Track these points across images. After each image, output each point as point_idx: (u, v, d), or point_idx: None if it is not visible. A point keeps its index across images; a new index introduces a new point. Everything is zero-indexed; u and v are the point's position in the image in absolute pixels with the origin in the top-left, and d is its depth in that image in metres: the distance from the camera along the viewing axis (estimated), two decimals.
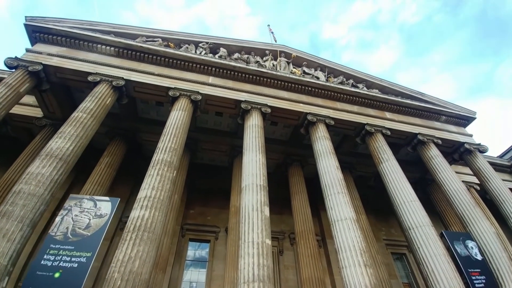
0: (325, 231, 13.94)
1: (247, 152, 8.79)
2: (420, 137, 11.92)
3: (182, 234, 12.53)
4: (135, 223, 6.15)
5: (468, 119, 13.50)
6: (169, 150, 7.92)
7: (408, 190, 9.19)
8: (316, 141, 10.26)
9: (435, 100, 13.49)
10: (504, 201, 10.80)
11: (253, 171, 8.09)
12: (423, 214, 8.51)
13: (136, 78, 10.13)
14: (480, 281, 8.11)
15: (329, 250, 13.22)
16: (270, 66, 12.46)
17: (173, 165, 7.68)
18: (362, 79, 13.56)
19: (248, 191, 7.61)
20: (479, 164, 11.88)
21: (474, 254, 8.60)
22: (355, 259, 6.80)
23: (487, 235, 9.03)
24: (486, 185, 11.48)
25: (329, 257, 13.11)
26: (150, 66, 10.68)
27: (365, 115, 12.02)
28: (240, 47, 12.73)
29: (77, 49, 10.70)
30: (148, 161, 8.27)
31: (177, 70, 10.86)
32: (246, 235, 6.63)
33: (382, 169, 10.27)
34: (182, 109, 9.36)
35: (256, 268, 5.97)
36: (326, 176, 8.93)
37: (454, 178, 10.35)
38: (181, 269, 11.55)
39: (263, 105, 10.60)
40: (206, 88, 10.58)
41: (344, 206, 7.90)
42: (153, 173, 7.26)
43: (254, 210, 7.08)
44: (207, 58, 10.93)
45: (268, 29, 18.22)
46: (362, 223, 11.28)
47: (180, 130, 8.62)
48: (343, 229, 7.46)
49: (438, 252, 7.66)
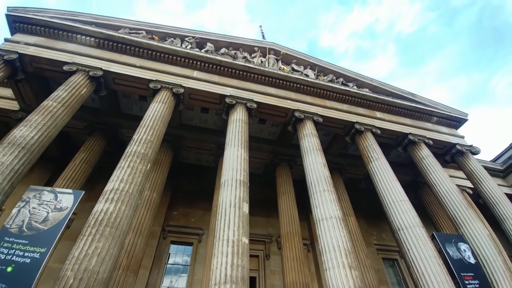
0: (314, 235, 13.40)
1: (228, 147, 8.31)
2: (411, 137, 11.59)
3: (164, 236, 11.86)
4: (97, 217, 5.59)
5: (460, 120, 13.26)
6: (144, 141, 7.41)
7: (397, 190, 8.77)
8: (303, 138, 9.84)
9: (426, 101, 13.25)
10: (497, 203, 10.44)
11: (233, 166, 7.60)
12: (413, 215, 8.07)
13: (116, 69, 9.68)
14: (473, 286, 7.63)
15: (317, 254, 12.65)
16: (258, 62, 12.13)
17: (147, 157, 7.15)
18: (353, 79, 13.29)
19: (226, 187, 7.10)
20: (472, 165, 11.56)
21: (467, 257, 8.14)
22: (339, 260, 6.29)
23: (481, 237, 8.61)
24: (479, 187, 11.13)
25: (317, 262, 12.53)
26: (132, 58, 10.25)
27: (355, 114, 11.68)
28: (228, 43, 12.40)
29: (56, 39, 10.27)
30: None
31: (161, 63, 10.44)
32: (221, 232, 6.10)
33: (371, 168, 9.86)
34: (162, 101, 8.90)
35: (229, 268, 5.42)
36: (312, 173, 8.47)
37: (446, 179, 9.97)
38: (160, 273, 10.84)
39: (248, 100, 10.19)
40: (190, 81, 10.16)
41: (329, 205, 7.43)
42: (124, 165, 6.73)
43: (232, 206, 6.56)
44: (192, 51, 10.55)
45: (260, 30, 18.06)
46: (351, 225, 10.80)
47: (158, 123, 8.13)
48: (328, 228, 6.97)
49: (429, 254, 7.19)
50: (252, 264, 12.20)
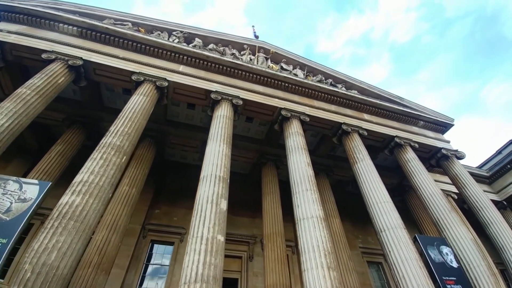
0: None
1: (210, 142, 8.06)
2: (397, 140, 11.57)
3: (144, 235, 11.45)
4: (61, 210, 5.25)
5: (446, 125, 13.34)
6: (121, 133, 7.10)
7: (381, 191, 8.66)
8: (288, 136, 9.67)
9: (414, 105, 13.30)
10: (482, 208, 10.45)
11: (214, 161, 7.35)
12: (395, 216, 7.96)
13: (97, 60, 9.35)
14: None
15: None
16: (247, 60, 11.96)
17: (123, 150, 6.84)
18: (342, 80, 13.25)
19: (205, 182, 6.84)
20: (456, 170, 11.59)
21: (449, 260, 8.05)
22: (317, 261, 6.09)
23: (464, 241, 8.54)
24: (464, 192, 11.15)
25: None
26: (116, 49, 9.93)
27: (342, 115, 11.60)
28: (218, 39, 12.20)
29: (38, 27, 9.95)
30: None
31: (146, 56, 10.15)
32: (196, 229, 5.83)
33: (356, 169, 9.75)
34: (144, 94, 8.60)
35: (201, 267, 5.14)
36: (296, 172, 8.29)
37: (430, 182, 9.94)
38: (137, 273, 10.42)
39: (234, 97, 9.98)
40: (175, 76, 9.89)
41: (311, 204, 7.24)
42: (96, 156, 6.40)
43: (209, 202, 6.30)
44: (178, 45, 10.30)
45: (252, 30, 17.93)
46: (335, 227, 10.64)
47: (138, 115, 7.82)
48: (308, 228, 6.77)
49: (410, 256, 7.06)
50: (235, 265, 11.93)
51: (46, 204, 7.25)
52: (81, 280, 7.00)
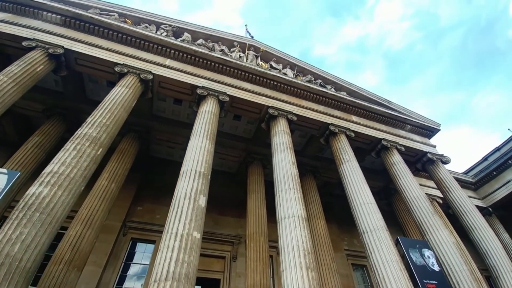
0: None
1: (193, 138, 7.86)
2: (384, 143, 11.58)
3: (124, 233, 11.10)
4: (27, 200, 4.97)
5: (432, 130, 13.45)
6: (98, 125, 6.83)
7: (365, 192, 8.60)
8: (275, 135, 9.54)
9: (401, 108, 13.38)
10: (466, 212, 10.51)
11: (194, 157, 7.14)
12: (378, 217, 7.89)
13: (79, 49, 9.05)
14: None
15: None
16: (236, 57, 11.80)
17: (99, 141, 6.57)
18: (332, 81, 13.23)
19: (184, 178, 6.63)
20: (441, 174, 11.66)
21: (430, 264, 8.01)
22: (296, 261, 5.94)
23: (446, 245, 8.53)
24: (448, 196, 11.21)
25: None
26: (100, 39, 9.64)
27: (330, 116, 11.55)
28: (207, 35, 12.02)
29: (23, 15, 9.62)
30: None
31: (131, 48, 9.89)
32: (171, 225, 5.60)
33: (342, 170, 9.68)
34: (126, 86, 8.34)
35: (173, 264, 4.92)
36: (280, 170, 8.15)
37: (414, 185, 9.94)
38: (115, 272, 10.08)
39: (221, 93, 9.80)
40: (161, 69, 9.66)
41: (293, 203, 7.10)
42: (70, 147, 6.12)
43: (186, 198, 6.08)
44: (165, 38, 10.07)
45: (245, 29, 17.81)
46: (320, 228, 10.54)
47: (118, 107, 7.56)
48: (289, 227, 6.62)
49: (391, 258, 6.98)
50: (218, 265, 11.69)
51: (20, 197, 6.94)
52: (51, 276, 6.69)
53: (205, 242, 11.79)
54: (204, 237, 11.84)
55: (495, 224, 17.14)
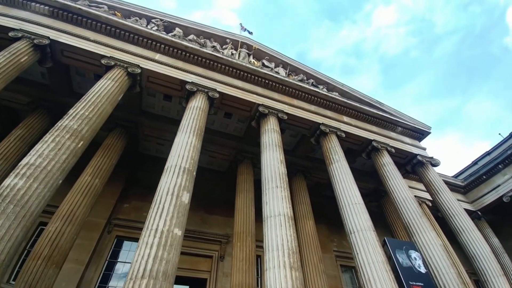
0: None
1: (179, 133, 7.70)
2: (375, 144, 11.56)
3: (109, 230, 10.84)
4: (2, 192, 4.76)
5: (423, 133, 13.51)
6: (80, 117, 6.62)
7: (354, 192, 8.54)
8: (264, 133, 9.43)
9: (393, 110, 13.40)
10: (454, 215, 10.52)
11: (180, 152, 6.98)
12: (365, 218, 7.83)
13: (65, 41, 8.81)
14: None
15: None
16: (228, 54, 11.67)
17: (80, 134, 6.36)
18: (324, 81, 13.19)
19: (168, 173, 6.46)
20: (430, 176, 11.69)
21: (417, 265, 7.96)
22: (280, 260, 5.81)
23: (433, 246, 8.50)
24: (436, 198, 11.23)
25: None
26: (88, 31, 9.42)
27: (322, 116, 11.49)
28: (199, 31, 11.86)
29: (12, 6, 9.38)
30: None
31: (120, 41, 9.68)
32: (151, 221, 5.43)
33: (331, 170, 9.61)
34: (112, 79, 8.14)
35: (150, 262, 4.75)
36: (268, 169, 8.03)
37: (403, 186, 9.93)
38: (98, 270, 9.82)
39: (211, 89, 9.65)
40: (150, 63, 9.47)
41: (280, 201, 6.98)
42: (48, 139, 5.91)
43: (169, 194, 5.91)
44: (155, 32, 9.89)
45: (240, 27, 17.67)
46: (308, 229, 10.45)
47: (102, 100, 7.35)
48: (274, 226, 6.50)
49: (377, 259, 6.91)
50: (205, 265, 11.51)
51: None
52: (30, 271, 6.50)
53: (192, 241, 11.74)
54: (191, 236, 11.88)
55: (484, 228, 17.28)
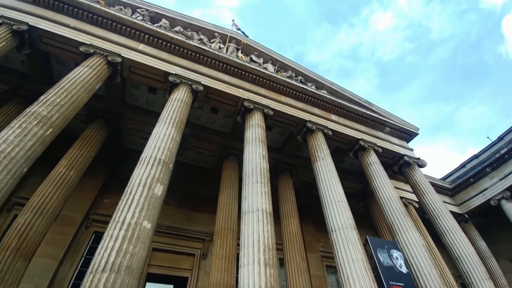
0: None
1: (158, 125, 7.43)
2: (362, 143, 11.45)
3: (86, 226, 10.48)
4: None
5: (411, 134, 13.48)
6: (50, 103, 6.31)
7: (337, 190, 8.38)
8: (248, 128, 9.22)
9: (382, 111, 13.34)
10: (438, 216, 10.44)
11: (157, 144, 6.71)
12: (348, 216, 7.67)
13: (44, 27, 8.48)
14: None
15: None
16: (216, 48, 11.44)
17: (50, 121, 6.05)
18: (313, 79, 13.05)
19: (142, 165, 6.20)
20: (417, 177, 11.63)
21: (398, 265, 7.83)
22: (255, 256, 5.60)
23: (416, 246, 8.38)
24: (422, 199, 11.16)
25: None
26: (69, 18, 9.09)
27: (309, 113, 11.34)
28: (187, 23, 11.61)
29: None
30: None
31: (102, 29, 9.37)
32: (119, 214, 5.16)
33: (316, 167, 9.45)
34: (90, 66, 7.83)
35: (113, 255, 4.48)
36: (249, 164, 7.82)
37: (388, 186, 9.82)
38: (73, 266, 9.45)
39: (195, 82, 9.41)
40: (132, 53, 9.19)
41: (258, 197, 6.77)
42: (15, 125, 5.59)
43: (141, 185, 5.66)
44: (139, 22, 9.61)
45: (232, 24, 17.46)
46: (292, 227, 10.25)
47: (76, 87, 7.04)
48: (252, 221, 6.28)
49: (357, 257, 6.75)
50: (187, 263, 11.24)
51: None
52: None
53: (175, 239, 11.46)
54: (174, 233, 11.59)
55: (471, 231, 17.33)
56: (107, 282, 4.16)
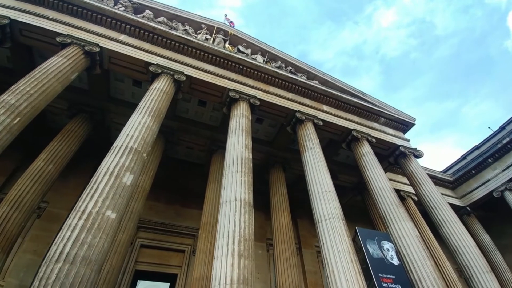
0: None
1: (134, 114, 7.16)
2: (355, 133, 11.05)
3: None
4: None
5: (407, 124, 13.01)
6: (19, 92, 6.09)
7: (325, 180, 8.01)
8: (233, 118, 8.91)
9: (376, 101, 12.91)
10: (435, 206, 9.98)
11: (130, 133, 6.44)
12: (335, 206, 7.30)
13: (24, 19, 8.30)
14: None
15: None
16: (202, 39, 11.16)
17: (17, 110, 5.84)
18: (305, 70, 12.69)
19: (111, 154, 5.92)
20: (413, 168, 11.17)
21: (389, 257, 7.42)
22: (229, 247, 5.28)
23: (408, 237, 7.94)
24: (418, 190, 10.71)
25: None
26: (49, 11, 8.89)
27: (299, 104, 10.98)
28: (172, 14, 11.36)
29: None
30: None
31: (82, 20, 9.16)
32: (80, 203, 4.88)
33: (304, 158, 9.10)
34: (65, 56, 7.61)
35: (69, 245, 4.21)
36: (230, 153, 7.50)
37: (381, 176, 9.41)
38: None
39: (177, 72, 9.13)
40: (112, 43, 8.95)
41: (237, 186, 6.46)
42: None
43: (107, 174, 5.37)
44: (120, 12, 9.38)
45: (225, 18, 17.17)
46: (283, 221, 9.91)
47: (48, 76, 6.82)
48: (228, 211, 5.97)
49: (343, 249, 6.39)
50: (177, 260, 10.99)
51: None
52: None
53: (164, 235, 11.21)
54: (163, 229, 11.33)
55: (474, 224, 16.72)
56: (60, 272, 3.89)
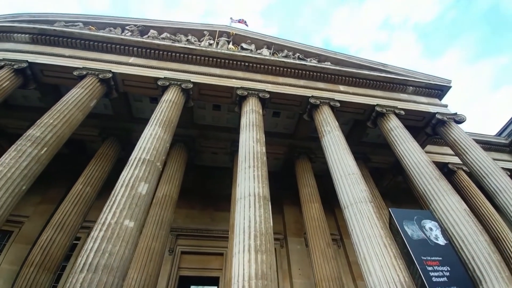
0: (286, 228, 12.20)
1: (148, 127, 7.50)
2: (378, 108, 10.19)
3: None
4: None
5: (442, 88, 11.60)
6: (44, 125, 6.77)
7: (348, 163, 7.49)
8: (243, 115, 8.84)
9: (400, 70, 11.77)
10: (487, 174, 8.69)
11: (142, 146, 6.74)
12: (361, 189, 6.76)
13: (42, 60, 9.31)
14: (441, 273, 6.03)
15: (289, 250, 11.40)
16: (205, 45, 11.35)
17: (43, 141, 6.48)
18: (315, 54, 12.13)
19: (126, 168, 6.24)
20: (455, 135, 9.90)
21: (433, 237, 6.60)
22: (246, 243, 5.17)
23: (455, 213, 6.95)
24: (465, 159, 9.45)
25: (289, 260, 11.27)
26: (64, 49, 9.87)
27: (313, 88, 10.51)
28: (175, 29, 11.77)
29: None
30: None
31: (95, 52, 9.96)
32: (101, 216, 5.21)
33: (324, 142, 8.62)
34: (82, 87, 8.31)
35: (91, 256, 4.49)
36: (242, 150, 7.42)
37: (415, 149, 8.49)
38: None
39: (184, 81, 9.38)
40: (123, 67, 9.55)
41: (251, 182, 6.33)
42: (11, 149, 6.09)
43: (123, 186, 5.67)
44: (126, 37, 10.00)
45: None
46: (313, 212, 9.51)
47: (69, 106, 7.50)
48: (243, 207, 5.87)
49: (374, 233, 5.86)
50: (216, 263, 11.21)
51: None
52: (24, 278, 6.87)
53: (201, 240, 11.54)
54: (200, 235, 11.67)
55: None
56: (84, 282, 4.17)
